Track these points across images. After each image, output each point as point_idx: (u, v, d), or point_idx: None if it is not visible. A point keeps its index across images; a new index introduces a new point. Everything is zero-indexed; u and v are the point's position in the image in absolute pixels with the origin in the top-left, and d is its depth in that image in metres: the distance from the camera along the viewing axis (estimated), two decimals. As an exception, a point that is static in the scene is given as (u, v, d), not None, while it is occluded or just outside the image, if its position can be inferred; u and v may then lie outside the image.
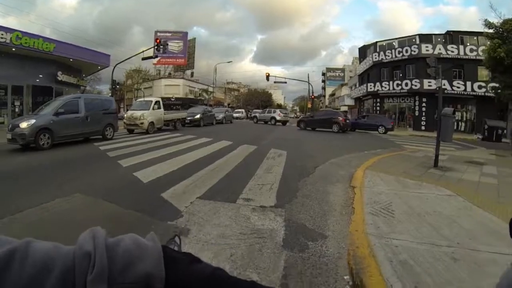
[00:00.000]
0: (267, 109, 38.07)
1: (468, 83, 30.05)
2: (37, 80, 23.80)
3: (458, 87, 30.29)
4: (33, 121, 10.72)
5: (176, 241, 1.11)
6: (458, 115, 30.88)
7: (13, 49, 20.45)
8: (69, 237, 2.65)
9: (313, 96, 47.30)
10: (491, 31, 17.43)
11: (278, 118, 32.09)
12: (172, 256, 0.57)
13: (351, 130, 25.64)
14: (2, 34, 19.27)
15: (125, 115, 19.30)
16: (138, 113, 17.80)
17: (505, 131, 22.56)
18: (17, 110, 22.42)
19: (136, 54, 28.50)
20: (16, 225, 3.97)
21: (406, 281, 2.77)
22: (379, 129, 25.61)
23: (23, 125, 10.48)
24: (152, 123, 18.06)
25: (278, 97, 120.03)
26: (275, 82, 49.15)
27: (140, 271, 0.51)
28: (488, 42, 18.18)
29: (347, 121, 24.86)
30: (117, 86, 30.40)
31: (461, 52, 30.74)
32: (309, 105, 46.92)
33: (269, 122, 32.35)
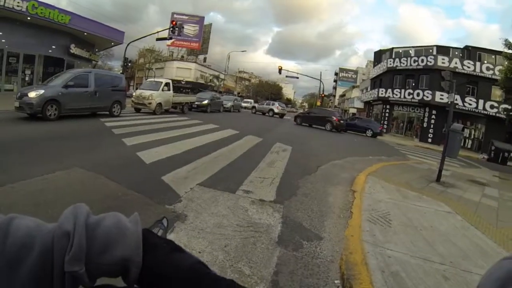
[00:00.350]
0: (266, 101, 39.42)
1: (481, 101, 29.70)
2: (50, 51, 23.85)
3: (470, 104, 29.97)
4: (42, 91, 10.72)
5: (163, 223, 1.07)
6: (466, 132, 30.64)
7: (28, 18, 20.48)
8: (66, 207, 2.65)
9: (323, 95, 47.02)
10: (510, 51, 17.24)
11: (276, 110, 33.30)
12: (153, 242, 0.58)
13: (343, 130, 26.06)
14: (18, 3, 19.26)
15: (133, 94, 19.27)
16: (147, 93, 17.76)
17: (511, 154, 22.39)
18: (27, 79, 22.51)
19: (151, 34, 28.43)
20: (15, 193, 3.98)
21: (395, 293, 2.78)
22: (367, 132, 26.30)
23: (32, 94, 10.48)
24: (160, 104, 18.02)
25: (288, 91, 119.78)
26: (287, 76, 48.84)
27: (118, 254, 0.52)
28: (506, 63, 18.00)
29: (341, 121, 25.39)
30: (129, 64, 30.35)
31: (477, 69, 30.34)
32: (319, 103, 46.64)
33: (266, 114, 33.55)
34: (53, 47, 23.93)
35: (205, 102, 24.84)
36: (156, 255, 0.56)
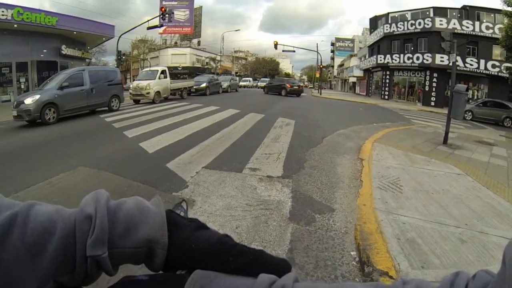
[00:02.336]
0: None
1: (482, 61, 29.20)
2: (42, 55, 23.52)
3: (471, 65, 29.49)
4: (37, 96, 10.61)
5: (183, 206, 1.06)
6: (469, 93, 30.30)
7: (15, 26, 20.04)
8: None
9: (321, 66, 46.51)
10: (510, 9, 16.82)
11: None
12: (177, 221, 0.55)
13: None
14: (2, 11, 18.81)
15: (131, 86, 19.12)
16: (144, 83, 17.59)
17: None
18: (23, 86, 22.24)
19: (141, 24, 27.85)
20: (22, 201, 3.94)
21: (413, 260, 2.73)
22: (281, 92, 28.78)
23: (28, 101, 10.37)
24: (158, 92, 17.87)
25: (286, 66, 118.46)
26: (283, 51, 48.04)
27: (142, 236, 0.50)
28: (506, 20, 17.60)
29: (294, 87, 29.04)
30: (123, 57, 29.97)
31: (477, 29, 29.70)
32: (318, 75, 46.27)
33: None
34: (44, 51, 23.60)
35: (203, 85, 24.71)
36: (181, 234, 0.53)
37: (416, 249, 2.91)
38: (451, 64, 9.69)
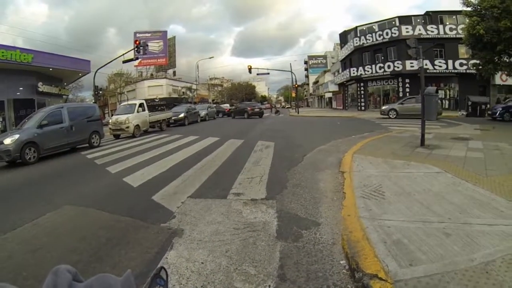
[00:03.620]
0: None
1: (450, 62, 30.47)
2: (18, 93, 23.36)
3: (440, 66, 30.68)
4: (16, 136, 10.50)
5: (162, 276, 0.86)
6: (441, 93, 31.30)
7: None
8: (66, 249, 2.60)
9: (296, 85, 47.33)
10: (469, 9, 17.71)
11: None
12: None
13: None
14: None
15: (110, 121, 19.06)
16: (123, 117, 17.59)
17: (488, 105, 22.94)
18: (0, 126, 21.96)
19: (116, 58, 27.95)
20: (10, 244, 3.90)
21: (400, 259, 2.80)
22: (245, 115, 31.93)
23: (7, 141, 10.25)
24: (137, 126, 17.88)
25: (262, 88, 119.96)
26: (257, 74, 48.80)
27: None
28: (467, 20, 18.46)
29: (255, 110, 32.38)
30: (100, 92, 29.90)
31: (441, 32, 31.10)
32: (293, 94, 46.99)
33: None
34: (21, 88, 23.44)
35: (181, 115, 24.94)
36: None
37: (402, 249, 2.98)
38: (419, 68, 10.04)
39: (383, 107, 26.16)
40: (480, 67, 18.65)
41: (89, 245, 3.63)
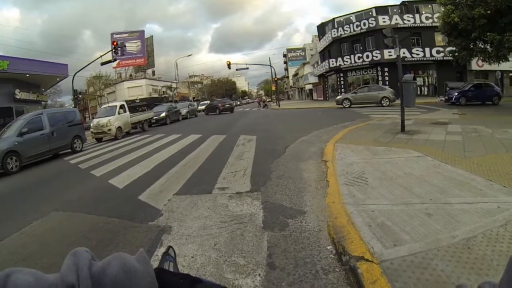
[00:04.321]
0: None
1: (427, 49, 31.12)
2: (-5, 102, 22.72)
3: (418, 54, 31.28)
4: None
5: (171, 253, 0.98)
6: (420, 80, 31.93)
7: None
8: (56, 255, 2.59)
9: (275, 79, 47.43)
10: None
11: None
12: (168, 280, 0.52)
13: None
14: None
15: (91, 124, 18.77)
16: (104, 120, 17.33)
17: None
18: (-21, 137, 21.32)
19: (94, 60, 27.45)
20: (-1, 254, 3.86)
21: (385, 241, 2.89)
22: (216, 111, 33.86)
23: None
24: (119, 128, 17.65)
25: (242, 83, 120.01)
26: (236, 69, 48.71)
27: None
28: (442, 9, 18.85)
29: (226, 105, 34.49)
30: (79, 96, 29.39)
31: (417, 21, 31.72)
32: (274, 88, 47.03)
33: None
34: (-3, 97, 22.83)
35: (163, 114, 24.75)
36: None
37: (386, 231, 3.07)
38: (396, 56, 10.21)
39: (337, 97, 27.51)
40: (456, 54, 19.06)
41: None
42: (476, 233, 2.88)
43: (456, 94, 21.00)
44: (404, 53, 28.92)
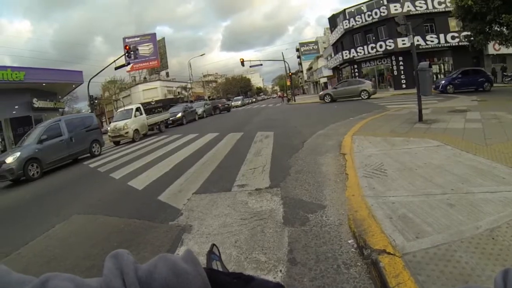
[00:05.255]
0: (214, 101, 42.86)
1: (441, 36, 30.33)
2: (14, 112, 23.28)
3: (432, 41, 30.54)
4: (18, 153, 10.53)
5: (215, 251, 0.90)
6: (435, 68, 31.25)
7: None
8: (79, 257, 2.66)
9: (290, 74, 47.07)
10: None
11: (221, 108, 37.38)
12: (221, 281, 0.49)
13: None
14: None
15: (108, 128, 19.07)
16: (121, 124, 17.60)
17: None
18: (0, 147, 21.94)
19: (108, 66, 27.81)
20: (24, 258, 3.96)
21: (407, 233, 2.85)
22: (216, 110, 35.57)
23: (9, 160, 10.27)
24: (136, 130, 17.89)
25: (256, 80, 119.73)
26: (250, 66, 48.33)
27: None
28: (455, -8, 18.37)
29: (225, 105, 37.21)
30: (95, 101, 29.84)
31: (430, 6, 30.89)
32: (288, 83, 46.71)
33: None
34: (16, 107, 23.34)
35: (179, 115, 24.88)
36: None
37: (408, 223, 3.03)
38: (410, 44, 10.02)
39: (320, 93, 29.29)
40: (472, 38, 18.57)
41: (102, 250, 3.69)
42: (500, 223, 2.80)
43: (443, 82, 20.92)
44: (418, 40, 28.33)
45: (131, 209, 5.19)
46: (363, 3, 37.42)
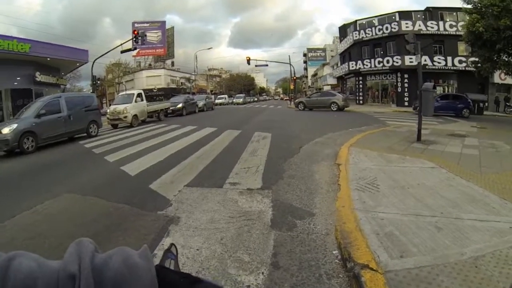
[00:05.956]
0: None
1: (449, 58, 30.44)
2: (15, 83, 22.98)
3: (439, 62, 30.65)
4: (15, 125, 10.48)
5: (173, 251, 0.99)
6: (439, 89, 31.35)
7: None
8: (64, 236, 2.65)
9: (294, 78, 47.08)
10: (469, 6, 17.72)
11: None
12: (168, 279, 0.52)
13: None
14: None
15: (108, 111, 19.00)
16: (121, 107, 17.52)
17: (486, 104, 23.08)
18: (-3, 117, 21.73)
19: (114, 48, 27.72)
20: (8, 231, 3.94)
21: (392, 251, 2.86)
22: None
23: (5, 130, 10.20)
24: (135, 116, 17.83)
25: (260, 80, 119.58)
26: (256, 66, 48.29)
27: None
28: (467, 17, 18.46)
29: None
30: (98, 82, 29.72)
31: (441, 28, 31.01)
32: (292, 87, 46.70)
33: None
34: (18, 78, 23.07)
35: (180, 105, 24.78)
36: None
37: (394, 241, 3.04)
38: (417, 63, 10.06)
39: (296, 100, 31.61)
40: (479, 65, 18.70)
41: (88, 231, 3.67)
42: (485, 252, 2.81)
43: None
44: (425, 60, 28.43)
45: (122, 194, 5.19)
46: (375, 16, 37.51)
